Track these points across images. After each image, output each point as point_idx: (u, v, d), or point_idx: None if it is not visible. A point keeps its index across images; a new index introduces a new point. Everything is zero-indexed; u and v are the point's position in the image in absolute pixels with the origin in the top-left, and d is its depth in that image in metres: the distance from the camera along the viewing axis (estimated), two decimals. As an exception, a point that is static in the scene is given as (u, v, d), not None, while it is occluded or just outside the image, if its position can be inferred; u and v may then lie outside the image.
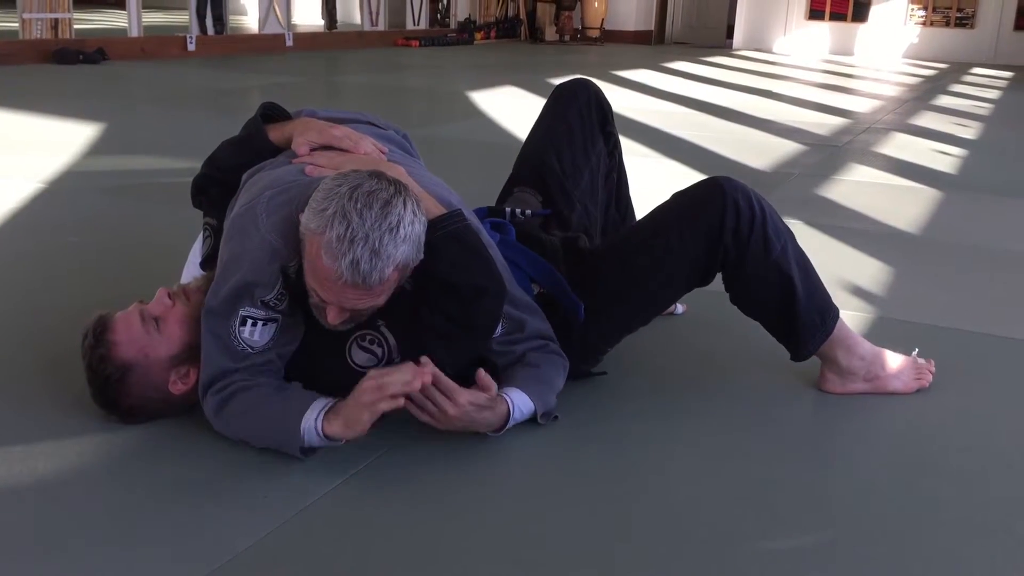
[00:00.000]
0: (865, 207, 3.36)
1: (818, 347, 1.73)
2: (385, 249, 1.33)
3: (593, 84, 2.04)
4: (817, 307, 1.71)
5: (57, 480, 1.41)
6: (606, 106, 2.03)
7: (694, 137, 4.78)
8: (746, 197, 1.64)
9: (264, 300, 1.45)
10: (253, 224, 1.46)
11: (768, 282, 1.66)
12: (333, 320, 1.41)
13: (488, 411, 1.49)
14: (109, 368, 1.48)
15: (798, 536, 1.33)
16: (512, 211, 1.86)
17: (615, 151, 2.08)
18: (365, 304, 1.40)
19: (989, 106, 6.87)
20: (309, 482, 1.41)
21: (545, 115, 2.02)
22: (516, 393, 1.54)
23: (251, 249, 1.45)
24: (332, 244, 1.32)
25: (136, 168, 3.72)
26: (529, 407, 1.55)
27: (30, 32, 7.28)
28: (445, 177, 1.67)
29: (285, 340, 1.50)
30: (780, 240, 1.66)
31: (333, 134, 1.59)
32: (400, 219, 1.34)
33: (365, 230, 1.32)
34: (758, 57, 10.99)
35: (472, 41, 11.54)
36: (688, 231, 1.65)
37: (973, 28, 11.37)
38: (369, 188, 1.35)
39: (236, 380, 1.46)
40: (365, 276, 1.33)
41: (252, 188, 1.53)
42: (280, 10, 9.34)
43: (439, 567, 1.23)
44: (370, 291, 1.36)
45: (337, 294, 1.37)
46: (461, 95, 6.31)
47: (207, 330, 1.47)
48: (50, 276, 2.35)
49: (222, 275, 1.47)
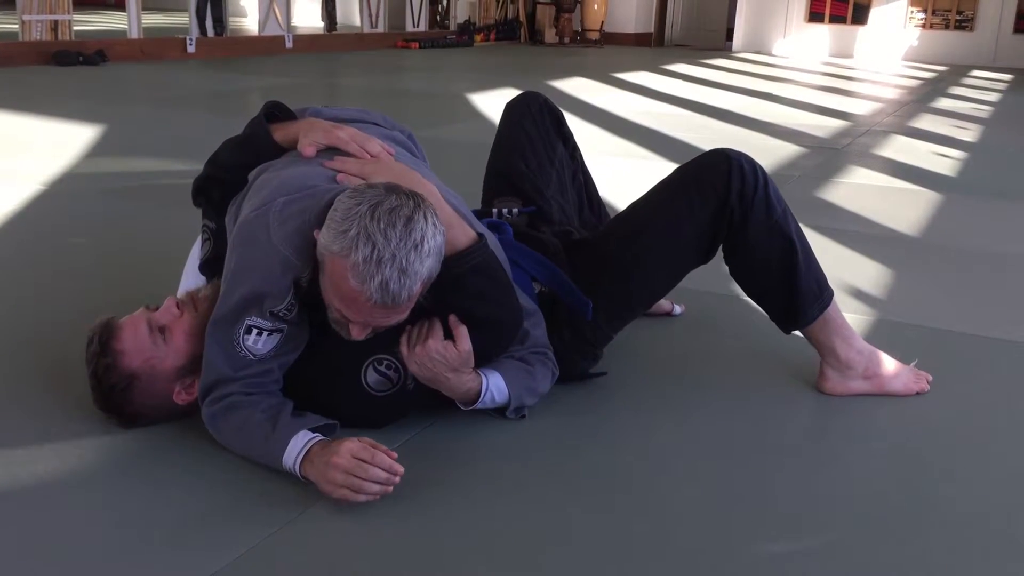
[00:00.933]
0: (864, 209, 3.37)
1: (816, 317, 1.74)
2: (412, 267, 1.32)
3: (540, 94, 2.08)
4: (815, 277, 1.74)
5: (58, 483, 1.41)
6: (556, 112, 2.07)
7: (694, 139, 4.78)
8: (749, 162, 1.70)
9: (273, 311, 1.43)
10: (265, 233, 1.43)
11: (771, 244, 1.70)
12: (358, 336, 1.41)
13: (456, 375, 1.48)
14: (115, 378, 1.47)
15: (797, 537, 1.33)
16: (499, 211, 1.88)
17: (575, 153, 2.11)
18: (392, 321, 1.40)
19: (989, 109, 6.88)
20: (305, 486, 1.41)
21: (503, 130, 2.05)
22: (495, 377, 1.54)
23: (262, 259, 1.43)
24: (359, 267, 1.30)
25: (136, 170, 3.72)
26: (504, 395, 1.55)
27: (30, 34, 7.29)
28: (445, 178, 1.67)
29: (287, 349, 1.49)
30: (781, 205, 1.71)
31: (339, 135, 1.57)
32: (424, 235, 1.33)
33: (392, 250, 1.30)
34: (758, 59, 10.99)
35: (472, 43, 11.55)
36: (695, 196, 1.68)
37: (973, 31, 11.38)
38: (390, 205, 1.33)
39: (232, 392, 1.45)
40: (395, 296, 1.32)
41: (261, 191, 1.50)
42: (280, 12, 9.35)
43: (436, 568, 1.23)
44: (398, 308, 1.36)
45: (365, 314, 1.36)
46: (461, 97, 6.31)
47: (210, 335, 1.46)
48: (50, 278, 2.35)
49: (232, 284, 1.45)
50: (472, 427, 1.60)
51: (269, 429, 1.42)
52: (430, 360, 1.46)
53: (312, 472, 1.36)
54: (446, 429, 1.60)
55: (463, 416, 1.58)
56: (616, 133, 4.88)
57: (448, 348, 1.46)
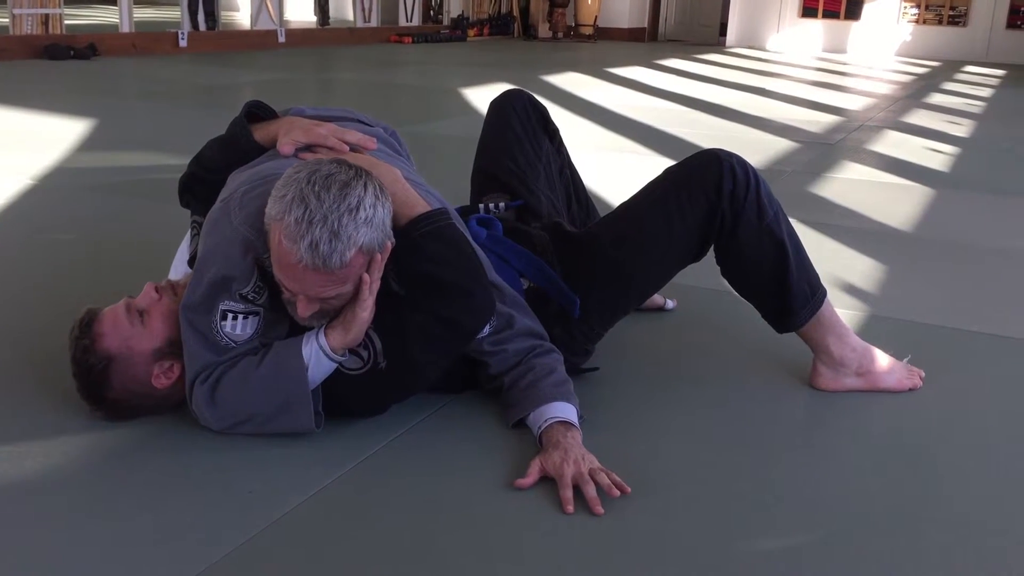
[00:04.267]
0: (858, 205, 3.37)
1: (808, 318, 1.73)
2: (344, 230, 1.32)
3: (525, 91, 2.07)
4: (807, 279, 1.73)
5: (45, 479, 1.40)
6: (541, 108, 2.06)
7: (687, 135, 4.78)
8: (741, 164, 1.68)
9: (242, 293, 1.44)
10: (226, 218, 1.46)
11: (761, 247, 1.68)
12: (303, 313, 1.41)
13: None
14: (92, 359, 1.47)
15: (790, 534, 1.33)
16: (486, 206, 1.87)
17: (562, 148, 2.11)
18: (331, 291, 1.38)
19: (981, 104, 6.89)
20: (298, 480, 1.40)
21: (488, 127, 2.04)
22: (561, 407, 1.53)
23: (224, 244, 1.44)
24: (291, 227, 1.32)
25: (127, 164, 3.70)
26: (572, 411, 1.55)
27: (20, 27, 7.25)
28: (438, 174, 1.67)
29: (271, 336, 1.49)
30: (772, 207, 1.69)
31: (318, 132, 1.58)
32: (360, 201, 1.34)
33: (323, 212, 1.31)
34: (751, 55, 11.00)
35: (465, 38, 11.53)
36: (686, 198, 1.67)
37: (966, 26, 11.40)
38: (327, 171, 1.35)
39: (220, 363, 1.46)
40: (325, 258, 1.32)
41: (230, 185, 1.54)
42: (272, 6, 9.31)
43: (428, 563, 1.23)
44: (332, 275, 1.35)
45: (300, 281, 1.36)
46: (454, 92, 6.30)
47: (187, 326, 1.46)
48: (39, 273, 2.34)
49: (198, 270, 1.47)
50: (463, 424, 1.60)
51: (274, 349, 1.45)
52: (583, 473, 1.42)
53: (334, 329, 1.43)
54: (441, 424, 1.59)
55: (458, 411, 1.58)
56: (610, 128, 4.87)
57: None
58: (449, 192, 1.83)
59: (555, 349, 1.66)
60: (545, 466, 1.42)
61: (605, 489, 1.37)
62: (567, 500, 1.35)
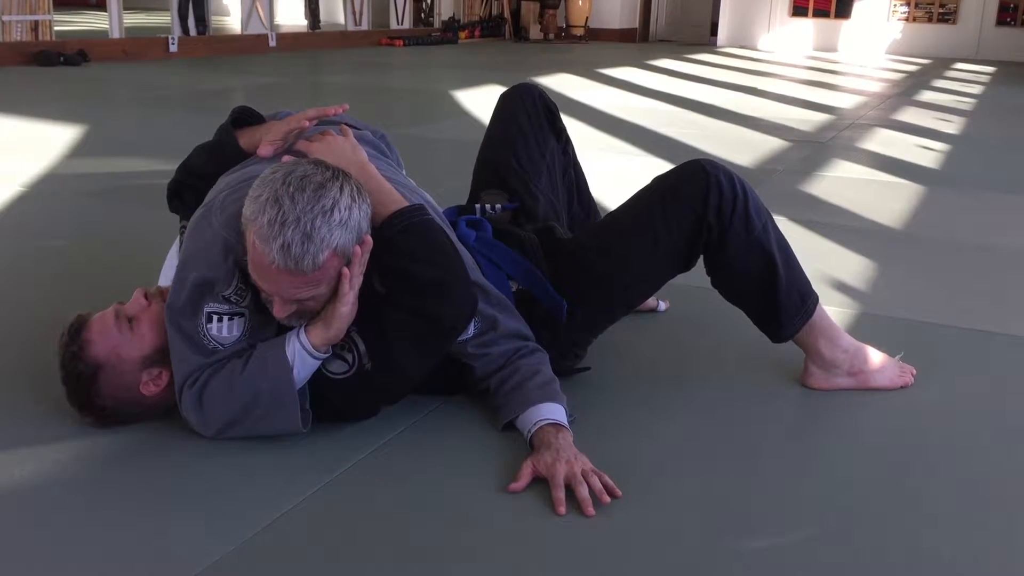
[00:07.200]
0: (849, 203, 3.37)
1: (799, 328, 1.73)
2: (318, 232, 1.31)
3: (537, 86, 2.05)
4: (798, 289, 1.72)
5: (35, 487, 1.39)
6: (552, 106, 2.05)
7: (679, 134, 4.78)
8: (727, 176, 1.66)
9: (224, 295, 1.44)
10: (207, 221, 1.46)
11: (749, 260, 1.67)
12: (279, 314, 1.41)
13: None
14: (81, 365, 1.47)
15: (781, 532, 1.33)
16: (482, 207, 1.87)
17: (568, 148, 2.09)
18: (305, 293, 1.38)
19: (972, 101, 6.90)
20: (287, 487, 1.40)
21: (495, 121, 2.03)
22: (549, 408, 1.53)
23: (205, 245, 1.44)
24: (264, 229, 1.31)
25: (117, 170, 3.69)
26: (561, 412, 1.55)
27: (10, 34, 7.23)
28: (429, 175, 1.67)
29: (260, 336, 1.48)
30: (761, 219, 1.68)
31: (295, 117, 1.60)
32: (335, 203, 1.33)
33: (296, 213, 1.31)
34: (742, 54, 11.01)
35: (456, 40, 11.52)
36: (672, 212, 1.66)
37: (955, 24, 11.43)
38: (303, 172, 1.34)
39: (207, 366, 1.45)
40: (297, 260, 1.31)
41: (215, 189, 1.54)
42: (263, 10, 9.30)
43: (420, 566, 1.22)
44: (305, 277, 1.34)
45: (274, 283, 1.36)
46: (446, 94, 6.30)
47: (173, 330, 1.46)
48: (29, 280, 2.33)
49: (180, 273, 1.47)
50: (454, 426, 1.60)
51: (259, 350, 1.44)
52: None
53: (315, 326, 1.42)
54: (432, 427, 1.59)
55: (448, 413, 1.57)
56: (601, 129, 4.87)
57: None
58: (441, 195, 1.83)
59: (540, 348, 1.66)
60: (537, 467, 1.42)
61: (596, 494, 1.37)
62: (559, 501, 1.35)
